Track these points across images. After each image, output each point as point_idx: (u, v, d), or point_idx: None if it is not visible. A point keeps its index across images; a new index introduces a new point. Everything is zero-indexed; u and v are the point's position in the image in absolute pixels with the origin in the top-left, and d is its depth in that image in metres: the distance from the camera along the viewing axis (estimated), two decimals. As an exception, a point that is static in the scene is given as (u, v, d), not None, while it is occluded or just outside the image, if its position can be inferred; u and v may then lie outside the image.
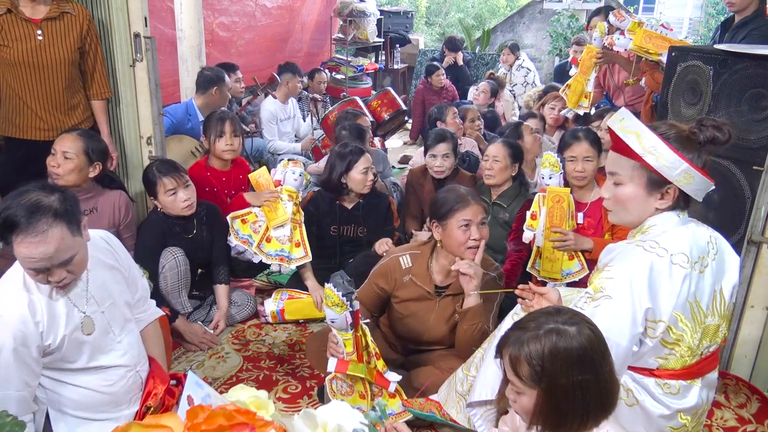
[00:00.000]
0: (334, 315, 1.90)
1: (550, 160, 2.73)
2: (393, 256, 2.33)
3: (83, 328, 1.72)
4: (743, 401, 2.28)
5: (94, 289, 1.76)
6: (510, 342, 1.30)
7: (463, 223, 2.12)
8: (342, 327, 1.93)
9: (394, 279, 2.29)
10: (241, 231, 2.85)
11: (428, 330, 2.29)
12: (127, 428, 1.27)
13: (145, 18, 2.96)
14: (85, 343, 1.73)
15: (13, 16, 2.58)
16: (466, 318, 2.10)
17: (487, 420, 1.90)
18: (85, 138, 2.57)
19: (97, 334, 1.76)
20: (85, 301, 1.74)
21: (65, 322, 1.68)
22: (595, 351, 1.25)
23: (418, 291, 2.26)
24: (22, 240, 1.53)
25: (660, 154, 1.54)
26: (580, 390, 1.23)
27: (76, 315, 1.71)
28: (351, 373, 1.95)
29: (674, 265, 1.54)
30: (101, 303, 1.77)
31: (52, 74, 2.69)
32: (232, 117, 3.11)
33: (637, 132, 1.57)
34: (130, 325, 1.88)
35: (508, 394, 1.34)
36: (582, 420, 1.25)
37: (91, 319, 1.74)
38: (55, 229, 1.55)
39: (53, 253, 1.55)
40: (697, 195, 1.59)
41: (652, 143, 1.54)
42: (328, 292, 1.87)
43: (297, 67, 5.17)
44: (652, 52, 3.31)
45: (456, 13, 12.80)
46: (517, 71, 6.73)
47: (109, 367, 1.80)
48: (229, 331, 2.82)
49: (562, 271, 2.65)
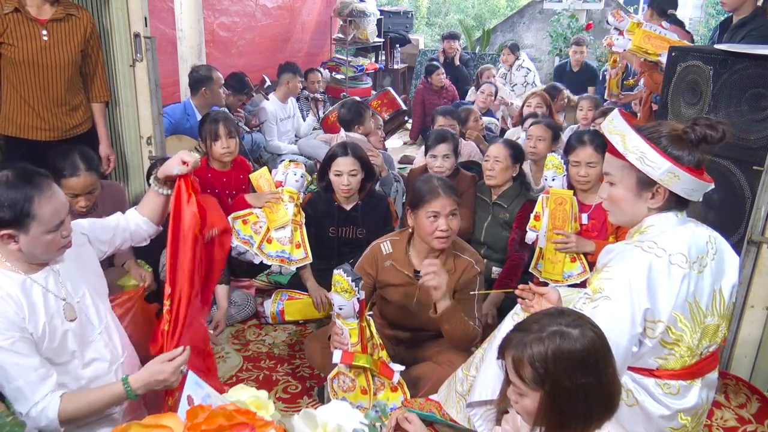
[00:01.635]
0: (343, 301, 1.93)
1: (554, 162, 2.72)
2: (375, 243, 2.40)
3: (65, 314, 1.71)
4: (743, 401, 2.28)
5: (66, 278, 1.76)
6: (513, 344, 1.30)
7: (431, 214, 2.19)
8: (349, 314, 1.96)
9: (376, 264, 2.36)
10: (242, 231, 2.85)
11: (412, 314, 2.33)
12: (127, 428, 1.27)
13: (145, 18, 2.97)
14: (68, 331, 1.71)
15: (20, 15, 2.58)
16: (443, 321, 2.13)
17: (487, 420, 1.90)
18: (93, 168, 2.48)
19: (79, 323, 1.75)
20: (60, 289, 1.73)
21: (44, 309, 1.67)
22: (598, 353, 1.25)
23: (399, 276, 2.32)
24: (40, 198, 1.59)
25: (643, 154, 1.56)
26: (583, 392, 1.23)
27: (53, 301, 1.69)
28: (356, 363, 1.98)
29: (673, 265, 1.54)
30: (75, 292, 1.77)
31: (55, 75, 2.69)
32: (224, 118, 3.09)
33: (622, 133, 1.61)
34: (106, 318, 1.85)
35: (510, 395, 1.34)
36: (585, 422, 1.25)
37: (71, 305, 1.74)
38: (48, 179, 1.66)
39: (64, 199, 1.67)
40: (689, 195, 1.59)
41: (635, 143, 1.57)
42: (338, 277, 1.90)
43: (297, 66, 5.18)
44: (651, 52, 3.30)
45: (456, 13, 12.80)
46: (517, 71, 6.73)
47: (94, 360, 1.78)
48: (229, 331, 2.83)
49: (563, 273, 2.65)
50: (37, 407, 1.59)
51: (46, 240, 1.62)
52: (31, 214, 1.57)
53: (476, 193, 3.22)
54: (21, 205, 1.56)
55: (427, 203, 2.21)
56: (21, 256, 1.65)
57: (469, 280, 2.27)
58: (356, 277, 1.93)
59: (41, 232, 1.60)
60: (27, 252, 1.64)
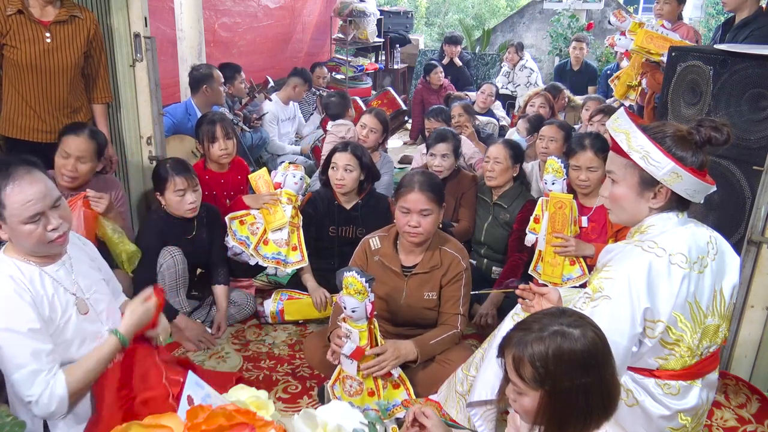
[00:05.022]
0: (356, 303, 1.91)
1: (554, 166, 2.71)
2: (365, 238, 2.44)
3: (78, 308, 1.76)
4: (743, 401, 2.28)
5: (79, 276, 1.80)
6: (513, 342, 1.30)
7: (403, 209, 2.23)
8: (362, 316, 1.95)
9: (366, 260, 2.38)
10: (238, 232, 2.85)
11: (401, 309, 2.35)
12: (127, 428, 1.28)
13: (145, 18, 2.96)
14: (78, 324, 1.75)
15: (24, 17, 2.57)
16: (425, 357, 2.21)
17: (487, 420, 1.91)
18: (94, 138, 2.59)
19: (90, 317, 1.79)
20: (72, 284, 1.77)
21: (56, 301, 1.71)
22: (598, 354, 1.25)
23: (387, 271, 2.34)
24: (13, 188, 1.60)
25: (647, 153, 1.56)
26: (583, 393, 1.23)
27: (63, 295, 1.73)
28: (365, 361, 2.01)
29: (673, 265, 1.54)
30: (87, 290, 1.81)
31: (57, 77, 2.69)
32: (221, 119, 3.08)
33: (626, 131, 1.60)
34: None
35: (509, 393, 1.34)
36: (584, 422, 1.25)
37: (84, 300, 1.78)
38: (34, 170, 1.65)
39: (45, 191, 1.64)
40: (691, 196, 1.59)
41: (640, 142, 1.57)
42: (352, 279, 1.89)
43: (309, 74, 5.18)
44: (654, 52, 3.30)
45: (456, 13, 12.79)
46: (520, 71, 6.74)
47: None
48: (229, 331, 2.82)
49: (562, 276, 2.65)
50: (46, 391, 1.62)
51: (23, 231, 1.63)
52: (1, 203, 1.60)
53: (477, 194, 3.23)
54: None
55: (401, 196, 2.25)
56: (21, 248, 1.69)
57: (455, 275, 2.30)
58: (369, 278, 1.92)
59: (16, 222, 1.62)
60: (16, 243, 1.68)
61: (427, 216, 2.22)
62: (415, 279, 2.32)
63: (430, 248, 2.31)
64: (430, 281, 2.31)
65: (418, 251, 2.32)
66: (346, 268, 1.97)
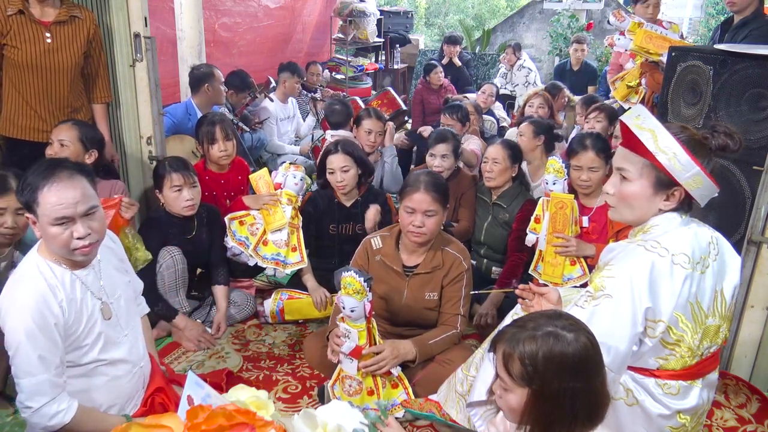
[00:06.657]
0: (355, 303, 1.92)
1: (555, 166, 2.71)
2: (366, 238, 2.44)
3: (103, 313, 1.78)
4: (743, 401, 2.28)
5: (106, 280, 1.82)
6: (506, 338, 1.30)
7: (408, 209, 2.23)
8: (360, 316, 1.96)
9: (367, 259, 2.38)
10: (238, 232, 2.84)
11: (402, 309, 2.35)
12: (127, 428, 1.28)
13: (145, 18, 2.96)
14: (101, 331, 1.78)
15: (24, 17, 2.58)
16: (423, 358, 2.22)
17: (487, 420, 1.90)
18: (80, 126, 2.61)
19: (112, 323, 1.82)
20: (99, 289, 1.80)
21: (88, 306, 1.74)
22: (589, 360, 1.25)
23: (389, 271, 2.34)
24: (50, 188, 1.61)
25: (674, 155, 1.52)
26: (570, 397, 1.23)
27: (91, 300, 1.76)
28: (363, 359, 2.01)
29: (675, 266, 1.54)
30: (111, 295, 1.84)
31: (57, 77, 2.69)
32: (221, 120, 3.08)
33: (652, 130, 1.55)
34: (133, 322, 1.93)
35: (495, 389, 1.34)
36: (569, 427, 1.25)
37: (109, 306, 1.81)
38: (77, 176, 1.66)
39: (80, 197, 1.63)
40: (702, 199, 1.60)
41: (668, 143, 1.53)
42: (350, 279, 1.90)
43: (297, 66, 5.18)
44: (653, 52, 3.30)
45: (456, 13, 12.80)
46: (518, 71, 6.74)
47: (116, 361, 1.83)
48: (229, 331, 2.82)
49: (563, 276, 2.65)
50: (51, 407, 1.64)
51: (50, 232, 1.64)
52: (37, 201, 1.62)
53: (477, 194, 3.23)
54: (31, 190, 1.62)
55: (405, 195, 2.26)
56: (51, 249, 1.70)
57: (456, 276, 2.30)
58: (367, 277, 1.93)
59: (45, 221, 1.63)
60: (46, 243, 1.70)
61: (432, 216, 2.22)
62: (417, 279, 2.32)
63: (432, 248, 2.32)
64: (432, 281, 2.31)
65: (421, 251, 2.32)
66: (345, 267, 1.97)
